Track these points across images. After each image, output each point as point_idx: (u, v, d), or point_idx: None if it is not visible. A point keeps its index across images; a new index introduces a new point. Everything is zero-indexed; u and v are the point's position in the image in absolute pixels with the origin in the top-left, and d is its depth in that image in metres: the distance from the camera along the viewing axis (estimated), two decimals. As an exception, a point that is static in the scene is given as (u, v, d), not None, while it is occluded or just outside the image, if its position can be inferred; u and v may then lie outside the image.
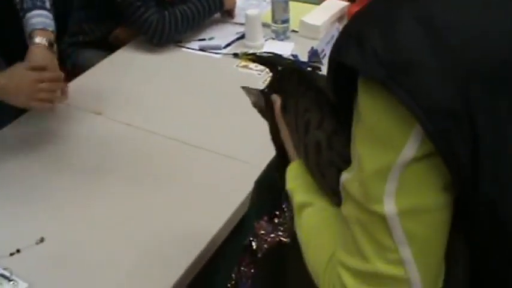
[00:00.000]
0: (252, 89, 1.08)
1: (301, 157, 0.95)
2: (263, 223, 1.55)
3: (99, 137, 1.68)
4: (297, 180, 0.94)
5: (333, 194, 0.84)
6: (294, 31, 2.21)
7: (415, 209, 0.64)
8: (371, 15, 0.67)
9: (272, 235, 1.55)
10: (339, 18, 2.29)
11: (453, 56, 0.60)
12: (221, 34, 2.22)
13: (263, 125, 1.68)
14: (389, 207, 0.64)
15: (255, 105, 1.09)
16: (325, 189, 0.89)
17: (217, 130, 1.70)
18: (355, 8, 2.13)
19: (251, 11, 2.10)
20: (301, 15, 2.24)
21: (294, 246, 0.93)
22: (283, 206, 1.62)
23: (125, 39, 2.24)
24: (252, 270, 1.40)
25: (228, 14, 2.33)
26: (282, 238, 1.59)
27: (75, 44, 2.30)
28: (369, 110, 0.65)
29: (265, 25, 2.17)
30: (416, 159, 0.62)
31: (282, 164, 1.04)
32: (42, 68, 1.53)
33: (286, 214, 1.62)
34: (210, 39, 2.19)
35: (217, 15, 2.31)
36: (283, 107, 0.98)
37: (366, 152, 0.66)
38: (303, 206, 0.90)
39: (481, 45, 0.61)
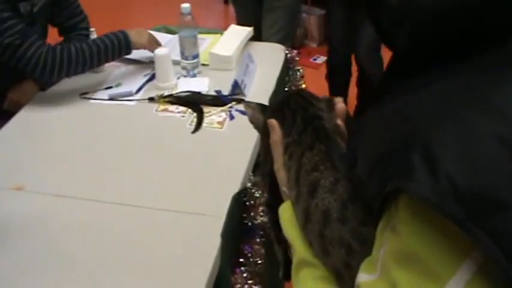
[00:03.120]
0: (251, 103, 0.99)
1: (297, 217, 0.82)
2: (237, 277, 1.46)
3: (24, 214, 1.47)
4: (293, 227, 0.81)
5: (335, 272, 0.74)
6: (203, 64, 2.13)
7: None
8: (435, 117, 0.54)
9: (246, 287, 1.46)
10: (246, 45, 2.24)
11: None
12: (128, 79, 2.07)
13: (203, 172, 1.59)
14: None
15: (251, 120, 0.98)
16: (325, 264, 0.76)
17: (159, 185, 1.57)
18: None
19: (160, 50, 1.98)
20: (206, 46, 2.17)
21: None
22: (246, 252, 1.55)
23: (20, 100, 2.03)
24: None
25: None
26: (252, 286, 1.51)
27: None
28: (415, 236, 0.55)
29: (174, 62, 2.06)
30: None
31: (273, 201, 0.91)
32: None
33: (249, 255, 1.54)
34: (117, 85, 2.04)
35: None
36: (285, 147, 0.86)
37: (401, 275, 0.57)
38: (302, 263, 0.79)
39: None
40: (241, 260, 1.52)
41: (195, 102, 1.90)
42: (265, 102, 1.94)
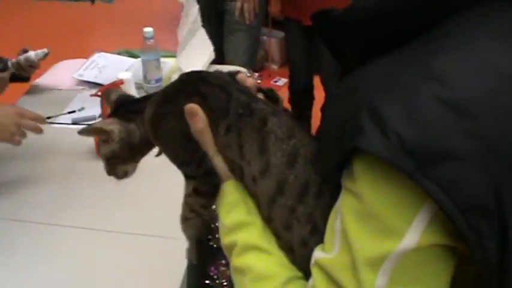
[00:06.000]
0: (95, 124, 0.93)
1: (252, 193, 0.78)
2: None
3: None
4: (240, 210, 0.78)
5: (288, 247, 0.73)
6: (166, 88, 2.14)
7: None
8: (380, 85, 0.59)
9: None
10: (208, 68, 2.27)
11: (484, 139, 0.54)
12: (91, 103, 2.06)
13: (169, 195, 1.60)
14: None
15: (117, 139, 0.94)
16: (281, 238, 0.74)
17: (125, 208, 1.57)
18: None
19: (124, 74, 1.99)
20: (168, 70, 2.19)
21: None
22: (211, 274, 1.56)
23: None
24: None
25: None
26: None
27: None
28: (373, 193, 0.58)
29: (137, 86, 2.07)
30: (417, 249, 0.56)
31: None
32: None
33: (215, 277, 1.56)
34: (80, 110, 2.04)
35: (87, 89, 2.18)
36: (227, 127, 0.79)
37: (359, 237, 0.59)
38: (249, 248, 0.75)
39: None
40: (207, 281, 1.53)
41: (158, 125, 1.91)
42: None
